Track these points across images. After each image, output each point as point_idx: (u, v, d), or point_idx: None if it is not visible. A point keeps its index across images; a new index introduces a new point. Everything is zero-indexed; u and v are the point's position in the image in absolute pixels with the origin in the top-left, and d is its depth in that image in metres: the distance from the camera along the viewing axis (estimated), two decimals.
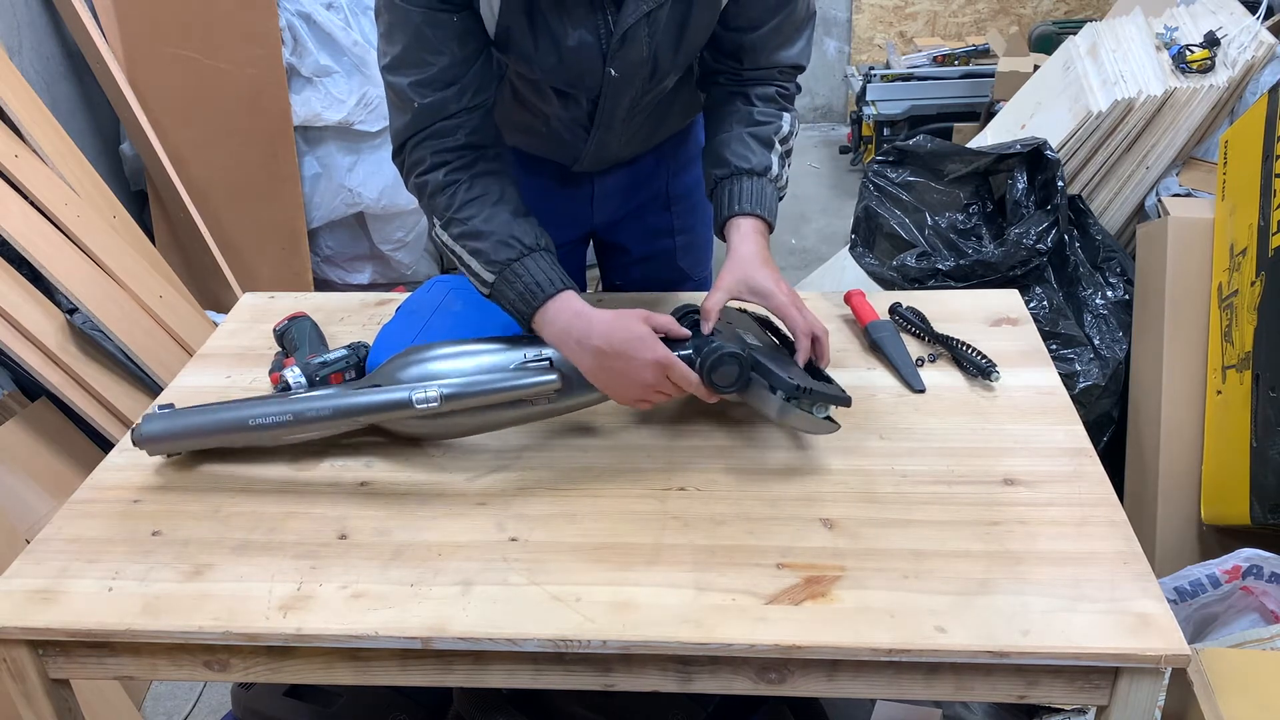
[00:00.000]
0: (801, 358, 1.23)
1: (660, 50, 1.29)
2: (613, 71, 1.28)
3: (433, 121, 1.22)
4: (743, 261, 1.24)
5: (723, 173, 1.31)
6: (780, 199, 1.33)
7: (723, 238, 1.31)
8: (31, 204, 2.21)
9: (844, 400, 1.18)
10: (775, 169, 1.32)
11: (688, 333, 1.21)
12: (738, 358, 1.15)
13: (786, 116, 1.35)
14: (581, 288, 1.71)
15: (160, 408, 1.25)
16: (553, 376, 1.17)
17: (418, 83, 1.20)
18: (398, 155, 1.27)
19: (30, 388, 2.20)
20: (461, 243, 1.22)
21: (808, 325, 1.22)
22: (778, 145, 1.33)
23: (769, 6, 1.29)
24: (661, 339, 1.17)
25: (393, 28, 1.20)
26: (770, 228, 1.30)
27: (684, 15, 1.26)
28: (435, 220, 1.25)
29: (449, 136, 1.23)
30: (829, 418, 1.19)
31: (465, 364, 1.20)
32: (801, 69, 1.38)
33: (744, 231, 1.27)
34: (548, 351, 1.21)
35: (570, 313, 1.18)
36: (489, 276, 1.20)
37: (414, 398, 1.15)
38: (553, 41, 1.24)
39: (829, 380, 1.23)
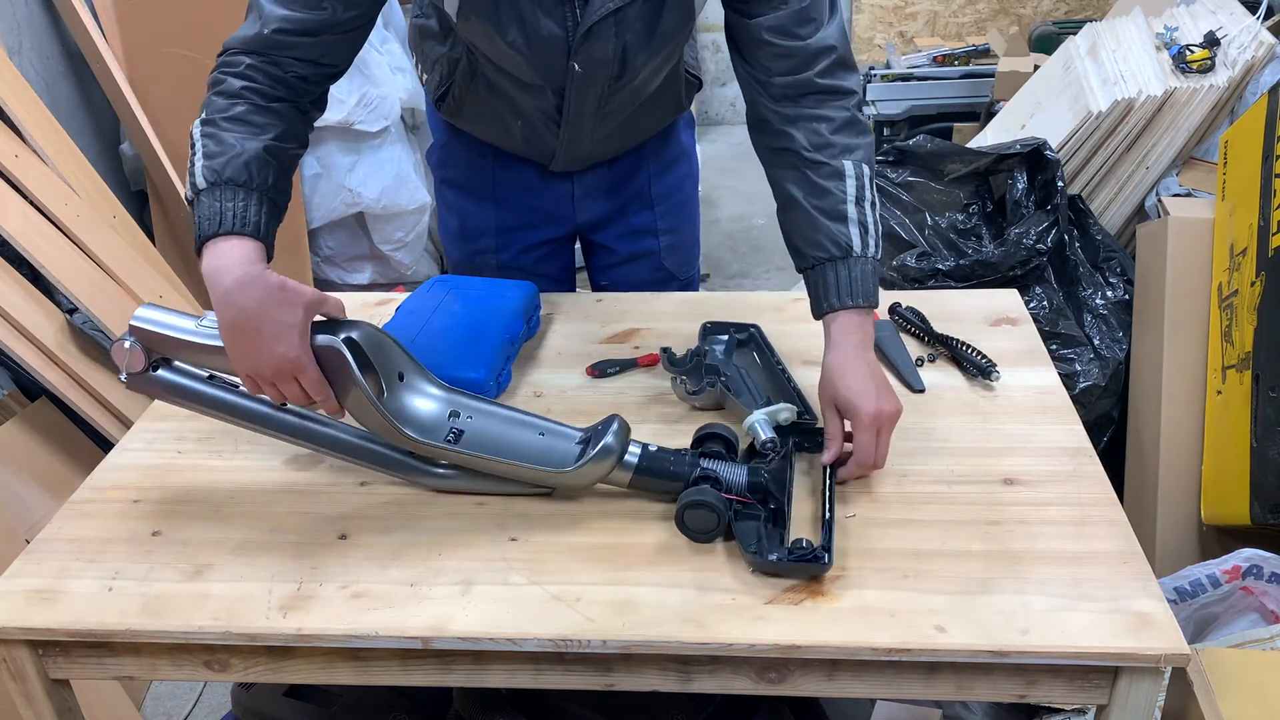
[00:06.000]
0: (827, 456, 1.15)
1: (630, 49, 1.28)
2: (576, 66, 1.28)
3: (270, 52, 1.15)
4: (830, 375, 1.16)
5: (802, 264, 1.21)
6: (878, 257, 1.20)
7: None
8: (31, 204, 2.21)
9: (817, 573, 1.04)
10: (857, 244, 1.17)
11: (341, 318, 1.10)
12: (716, 512, 1.07)
13: (847, 165, 1.19)
14: (570, 287, 1.71)
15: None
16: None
17: (284, 16, 1.13)
18: (222, 54, 1.17)
19: (30, 388, 2.20)
20: (205, 141, 1.11)
21: (866, 458, 1.13)
22: (851, 211, 1.18)
23: None
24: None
25: None
26: (870, 308, 1.18)
27: (655, 15, 1.24)
28: (202, 113, 1.14)
29: (275, 68, 1.15)
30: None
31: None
32: (837, 59, 1.21)
33: (831, 336, 1.18)
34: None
35: (238, 256, 1.05)
36: (202, 182, 1.09)
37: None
38: (518, 27, 1.23)
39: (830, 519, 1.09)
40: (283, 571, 1.07)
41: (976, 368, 1.35)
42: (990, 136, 2.58)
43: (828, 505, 1.11)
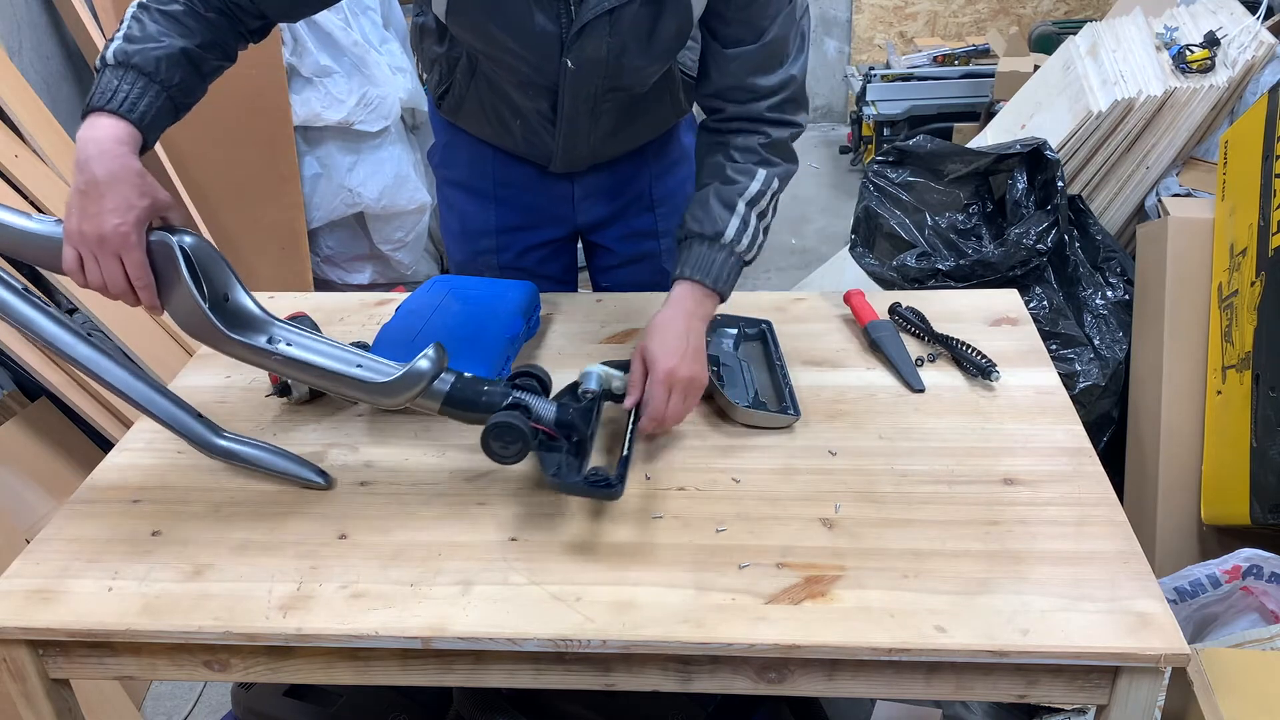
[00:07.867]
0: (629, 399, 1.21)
1: (626, 51, 1.28)
2: (569, 64, 1.28)
3: None
4: (649, 327, 1.23)
5: (680, 234, 1.30)
6: (748, 260, 1.29)
7: None
8: (31, 204, 2.21)
9: (608, 497, 1.10)
10: (731, 232, 1.26)
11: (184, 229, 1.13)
12: (520, 435, 1.08)
13: (760, 173, 1.28)
14: (572, 288, 1.71)
15: None
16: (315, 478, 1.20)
17: None
18: None
19: (30, 388, 2.20)
20: (131, 23, 1.14)
21: (654, 411, 1.19)
22: (740, 206, 1.27)
23: (749, 25, 1.23)
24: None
25: None
26: (717, 294, 1.27)
27: (653, 19, 1.25)
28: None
29: None
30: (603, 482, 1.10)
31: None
32: (789, 97, 1.29)
33: (671, 297, 1.26)
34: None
35: (111, 133, 1.08)
36: (111, 59, 1.12)
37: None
38: (511, 23, 1.24)
39: (628, 456, 1.15)
40: (283, 571, 1.07)
41: (976, 368, 1.35)
42: (990, 136, 2.58)
43: (627, 444, 1.16)
